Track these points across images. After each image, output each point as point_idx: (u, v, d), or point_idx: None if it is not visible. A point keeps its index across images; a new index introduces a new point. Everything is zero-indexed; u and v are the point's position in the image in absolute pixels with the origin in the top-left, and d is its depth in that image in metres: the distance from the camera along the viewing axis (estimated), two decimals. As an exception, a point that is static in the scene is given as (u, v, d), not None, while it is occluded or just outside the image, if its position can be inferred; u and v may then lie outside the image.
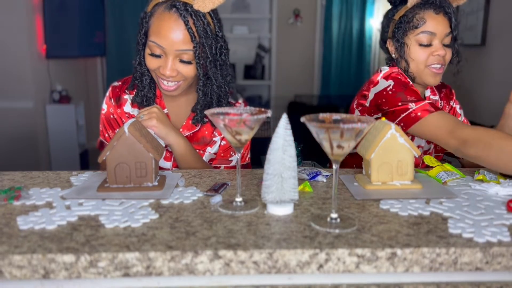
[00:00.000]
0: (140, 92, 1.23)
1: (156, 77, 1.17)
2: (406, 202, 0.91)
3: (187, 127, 1.26)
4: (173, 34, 1.09)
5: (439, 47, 1.24)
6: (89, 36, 4.27)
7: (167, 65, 1.11)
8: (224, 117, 0.86)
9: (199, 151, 1.27)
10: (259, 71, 5.65)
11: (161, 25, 1.10)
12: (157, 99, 1.27)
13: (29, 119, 3.50)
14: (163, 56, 1.12)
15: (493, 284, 0.76)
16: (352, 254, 0.71)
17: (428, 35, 1.24)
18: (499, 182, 1.02)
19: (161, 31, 1.09)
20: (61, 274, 0.70)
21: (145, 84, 1.22)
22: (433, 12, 1.22)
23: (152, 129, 1.12)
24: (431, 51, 1.25)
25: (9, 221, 0.81)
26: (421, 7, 1.24)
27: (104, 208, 0.87)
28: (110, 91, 1.29)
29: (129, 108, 1.28)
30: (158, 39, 1.10)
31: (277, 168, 0.85)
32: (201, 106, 1.21)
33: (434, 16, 1.22)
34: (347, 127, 0.75)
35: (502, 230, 0.77)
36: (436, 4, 1.22)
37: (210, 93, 1.19)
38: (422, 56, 1.26)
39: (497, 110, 3.19)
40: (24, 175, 1.11)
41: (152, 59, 1.14)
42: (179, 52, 1.11)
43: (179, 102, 1.28)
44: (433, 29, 1.23)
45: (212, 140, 1.29)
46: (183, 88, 1.18)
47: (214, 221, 0.82)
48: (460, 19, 3.60)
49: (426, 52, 1.25)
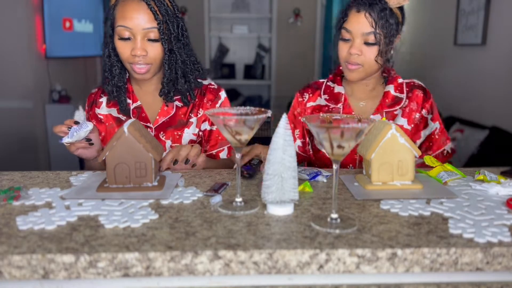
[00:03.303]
0: (111, 81, 1.31)
1: (129, 65, 1.23)
2: (407, 202, 0.91)
3: (162, 114, 1.32)
4: (137, 14, 1.18)
5: (355, 45, 1.23)
6: (89, 36, 4.26)
7: (136, 45, 1.19)
8: (224, 117, 0.86)
9: (177, 133, 1.32)
10: (259, 71, 5.65)
11: (125, 9, 1.19)
12: (129, 94, 1.34)
13: (28, 119, 3.49)
14: (132, 39, 1.20)
15: (493, 284, 0.76)
16: (353, 254, 0.71)
17: (346, 32, 1.25)
18: (499, 182, 1.02)
19: (127, 14, 1.18)
20: (61, 274, 0.69)
21: (115, 74, 1.30)
22: (355, 10, 1.23)
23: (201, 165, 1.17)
24: (349, 48, 1.25)
25: (8, 221, 0.81)
26: (351, 4, 1.26)
27: (103, 208, 0.87)
28: (88, 97, 1.39)
29: (104, 110, 1.35)
30: (125, 22, 1.18)
31: (277, 168, 0.85)
32: (167, 80, 1.28)
33: (356, 14, 1.23)
34: (347, 127, 0.75)
35: (503, 230, 0.77)
36: (360, 2, 1.22)
37: (175, 68, 1.28)
38: (341, 51, 1.28)
39: (497, 110, 3.20)
40: (24, 175, 1.11)
41: (122, 43, 1.21)
42: (145, 31, 1.19)
43: (151, 93, 1.35)
44: (350, 27, 1.23)
45: (189, 121, 1.34)
46: (154, 71, 1.26)
47: (214, 221, 0.81)
48: (460, 20, 3.61)
49: (346, 48, 1.26)
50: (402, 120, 1.33)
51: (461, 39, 3.63)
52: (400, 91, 1.35)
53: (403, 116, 1.33)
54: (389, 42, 1.23)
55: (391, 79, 1.37)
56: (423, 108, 1.34)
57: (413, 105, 1.34)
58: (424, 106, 1.34)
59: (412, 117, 1.33)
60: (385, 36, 1.21)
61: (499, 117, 3.04)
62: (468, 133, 3.16)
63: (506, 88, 3.01)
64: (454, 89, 3.79)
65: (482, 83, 3.34)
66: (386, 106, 1.33)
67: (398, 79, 1.37)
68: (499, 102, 3.10)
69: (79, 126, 1.10)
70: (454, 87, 3.80)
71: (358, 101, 1.37)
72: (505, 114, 2.99)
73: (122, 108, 1.30)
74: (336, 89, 1.39)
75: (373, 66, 1.26)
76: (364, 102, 1.36)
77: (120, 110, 1.32)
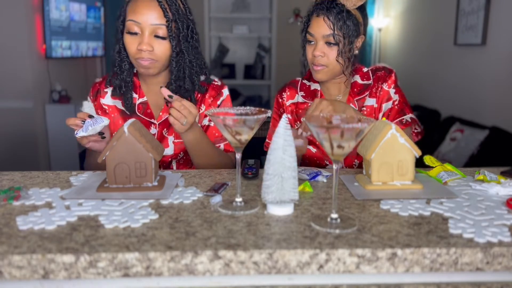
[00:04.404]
0: (119, 76, 1.31)
1: (135, 60, 1.24)
2: (407, 202, 0.91)
3: (165, 110, 1.33)
4: (148, 10, 1.19)
5: (318, 47, 1.30)
6: (89, 35, 4.26)
7: (143, 40, 1.20)
8: (224, 117, 0.86)
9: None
10: (259, 71, 5.65)
11: (137, 5, 1.21)
12: (136, 89, 1.35)
13: (28, 119, 3.49)
14: (140, 34, 1.21)
15: (493, 284, 0.76)
16: (353, 254, 0.71)
17: (309, 35, 1.32)
18: (499, 182, 1.02)
19: (137, 9, 1.20)
20: (61, 274, 0.69)
21: (124, 69, 1.31)
22: (315, 15, 1.31)
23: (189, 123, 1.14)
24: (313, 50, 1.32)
25: (8, 221, 0.81)
26: (312, 9, 1.33)
27: (103, 208, 0.87)
28: (92, 87, 1.39)
29: (109, 100, 1.36)
30: (135, 16, 1.20)
31: (277, 168, 0.85)
32: (176, 77, 1.28)
33: (316, 18, 1.30)
34: (348, 127, 0.75)
35: (503, 230, 0.77)
36: (319, 7, 1.30)
37: (182, 67, 1.28)
38: (308, 54, 1.35)
39: (497, 110, 3.20)
40: (24, 175, 1.11)
41: (130, 38, 1.22)
42: (154, 27, 1.20)
43: (157, 90, 1.35)
44: (312, 30, 1.31)
45: None
46: (159, 69, 1.26)
47: (214, 221, 0.81)
48: (460, 20, 3.60)
49: (311, 50, 1.33)
50: (371, 100, 1.39)
51: (461, 39, 3.63)
52: (367, 78, 1.42)
53: (370, 97, 1.39)
54: (349, 43, 1.29)
55: (355, 69, 1.43)
56: (384, 82, 1.40)
57: (378, 84, 1.40)
58: (386, 81, 1.40)
59: (377, 95, 1.39)
60: (344, 37, 1.28)
61: (499, 117, 3.04)
62: (468, 133, 3.16)
63: (506, 88, 3.01)
64: (454, 89, 3.79)
65: (482, 83, 3.34)
66: (356, 95, 1.40)
67: (363, 68, 1.44)
68: (499, 102, 3.10)
69: (94, 120, 1.10)
70: (454, 87, 3.80)
71: (334, 96, 1.43)
72: (505, 114, 2.99)
73: (127, 105, 1.31)
74: (312, 86, 1.46)
75: (337, 66, 1.32)
76: (340, 96, 1.43)
77: (124, 107, 1.32)
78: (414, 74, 4.59)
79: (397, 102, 1.38)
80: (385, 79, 1.39)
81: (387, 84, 1.39)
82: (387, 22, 5.40)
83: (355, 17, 1.30)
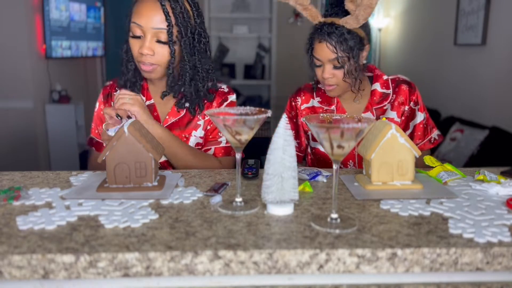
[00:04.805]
0: (124, 76, 1.31)
1: (138, 63, 1.24)
2: (407, 202, 0.91)
3: (172, 114, 1.32)
4: (150, 13, 1.18)
5: (326, 70, 1.32)
6: (89, 36, 4.26)
7: (145, 44, 1.19)
8: (224, 117, 0.86)
9: (184, 136, 1.32)
10: (259, 71, 5.65)
11: (140, 6, 1.20)
12: (144, 91, 1.34)
13: (28, 119, 3.49)
14: (142, 37, 1.20)
15: (493, 284, 0.76)
16: (353, 254, 0.71)
17: (316, 59, 1.34)
18: (499, 182, 1.02)
19: (140, 12, 1.20)
20: (61, 274, 0.69)
21: (130, 69, 1.31)
22: (317, 41, 1.32)
23: (134, 114, 1.17)
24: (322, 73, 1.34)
25: (8, 221, 0.81)
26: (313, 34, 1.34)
27: (103, 208, 0.87)
28: (102, 90, 1.40)
29: None
30: (138, 19, 1.19)
31: (277, 168, 0.85)
32: (171, 82, 1.27)
33: (318, 44, 1.31)
34: (347, 127, 0.75)
35: (503, 230, 0.77)
36: (319, 33, 1.31)
37: (183, 72, 1.25)
38: (318, 75, 1.36)
39: (497, 110, 3.20)
40: (24, 175, 1.11)
41: (133, 41, 1.22)
42: (155, 31, 1.19)
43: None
44: (318, 55, 1.32)
45: (197, 124, 1.34)
46: (161, 73, 1.25)
47: (214, 221, 0.81)
48: (460, 20, 3.61)
49: (320, 72, 1.35)
50: (392, 113, 1.41)
51: (461, 39, 3.63)
52: (386, 87, 1.42)
53: (392, 110, 1.41)
54: (354, 62, 1.31)
55: (376, 77, 1.43)
56: (410, 100, 1.41)
57: (401, 99, 1.41)
58: (411, 99, 1.41)
59: (401, 110, 1.41)
60: (349, 57, 1.29)
61: (499, 117, 3.04)
62: (468, 133, 3.16)
63: (506, 88, 3.01)
64: (454, 89, 3.79)
65: (482, 83, 3.34)
66: (375, 103, 1.41)
67: (383, 76, 1.44)
68: (499, 102, 3.10)
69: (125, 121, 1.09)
70: (454, 87, 3.80)
71: (350, 102, 1.44)
72: (505, 114, 2.99)
73: None
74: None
75: (347, 83, 1.34)
76: (357, 101, 1.44)
77: None
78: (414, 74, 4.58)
79: (424, 120, 1.43)
80: (410, 97, 1.41)
81: (413, 102, 1.41)
82: (387, 22, 5.41)
83: (356, 34, 1.29)
